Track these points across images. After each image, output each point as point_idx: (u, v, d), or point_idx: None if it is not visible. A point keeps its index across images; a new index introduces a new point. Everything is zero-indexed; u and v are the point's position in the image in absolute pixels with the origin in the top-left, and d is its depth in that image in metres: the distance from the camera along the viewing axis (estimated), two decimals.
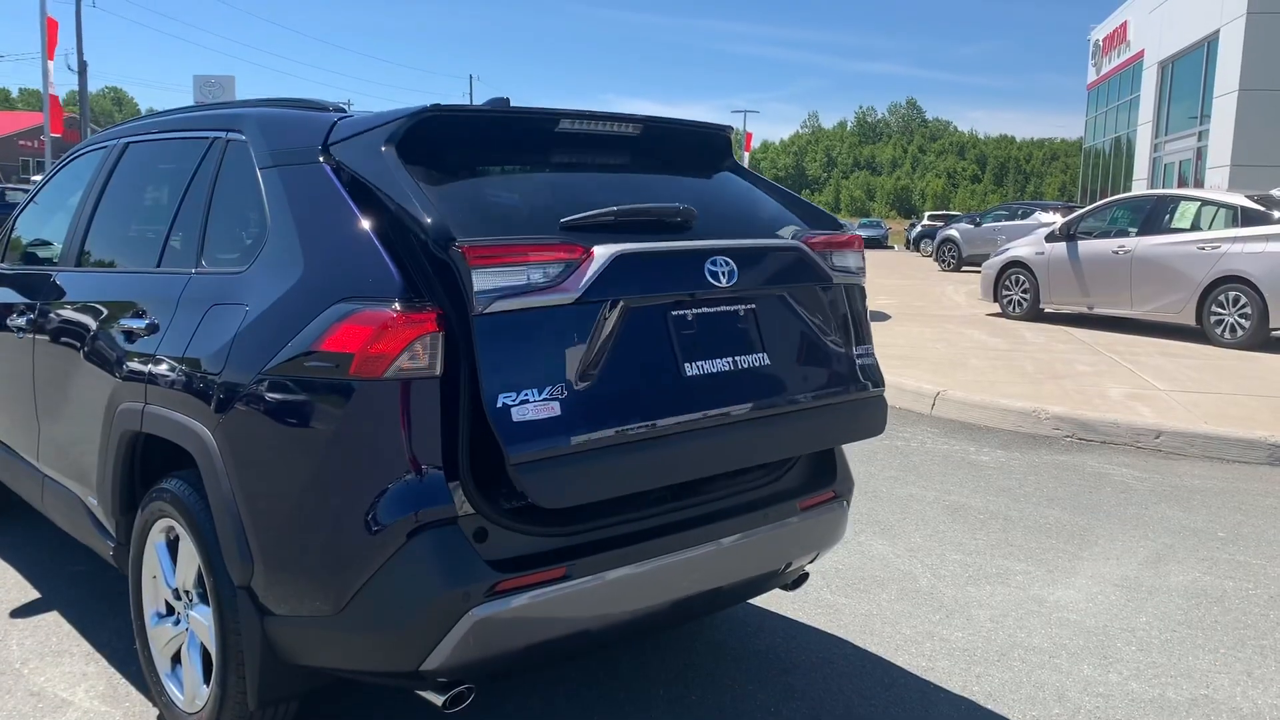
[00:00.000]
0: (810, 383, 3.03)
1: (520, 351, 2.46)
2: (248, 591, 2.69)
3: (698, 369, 2.75)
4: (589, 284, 2.55)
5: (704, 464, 2.82)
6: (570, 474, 2.49)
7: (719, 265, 2.81)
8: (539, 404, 2.44)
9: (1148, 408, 7.66)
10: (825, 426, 3.08)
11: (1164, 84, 25.93)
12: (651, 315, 2.69)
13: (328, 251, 2.70)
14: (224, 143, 3.23)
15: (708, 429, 2.74)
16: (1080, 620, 4.12)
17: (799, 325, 3.04)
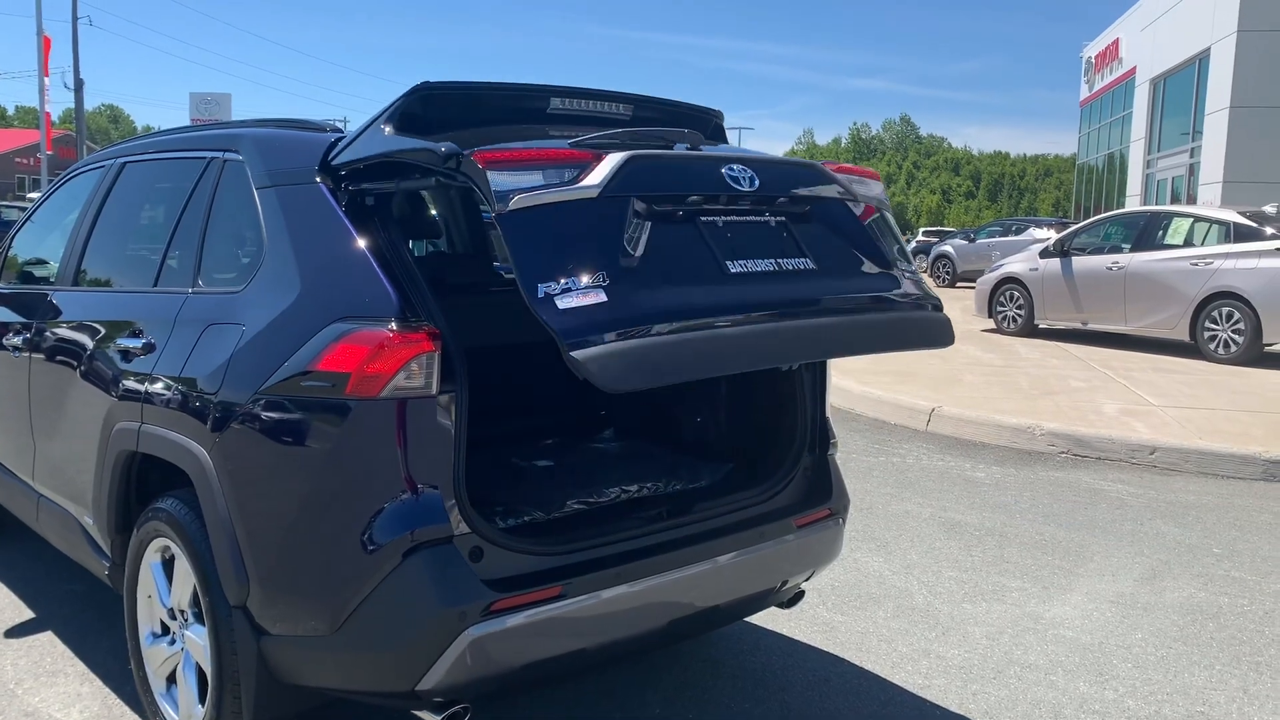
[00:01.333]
0: (863, 285, 2.90)
1: (553, 246, 2.37)
2: (243, 611, 2.68)
3: (741, 267, 2.62)
4: (607, 180, 2.47)
5: (762, 354, 2.63)
6: (630, 356, 2.32)
7: (737, 171, 2.72)
8: (582, 292, 2.32)
9: (1142, 423, 7.68)
10: (889, 327, 2.91)
11: (1156, 101, 26.08)
12: (682, 216, 2.60)
13: (324, 271, 2.71)
14: (221, 163, 3.24)
15: (762, 322, 2.59)
16: (1076, 637, 4.12)
17: (838, 238, 2.92)
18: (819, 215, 2.92)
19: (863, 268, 2.95)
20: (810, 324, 2.70)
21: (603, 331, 2.29)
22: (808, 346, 2.75)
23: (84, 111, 39.77)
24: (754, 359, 2.66)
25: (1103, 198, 32.14)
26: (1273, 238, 11.13)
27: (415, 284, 2.60)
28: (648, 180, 2.56)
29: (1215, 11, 20.87)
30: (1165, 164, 24.80)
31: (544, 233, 2.38)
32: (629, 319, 2.35)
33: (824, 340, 2.74)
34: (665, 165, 2.69)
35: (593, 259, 2.38)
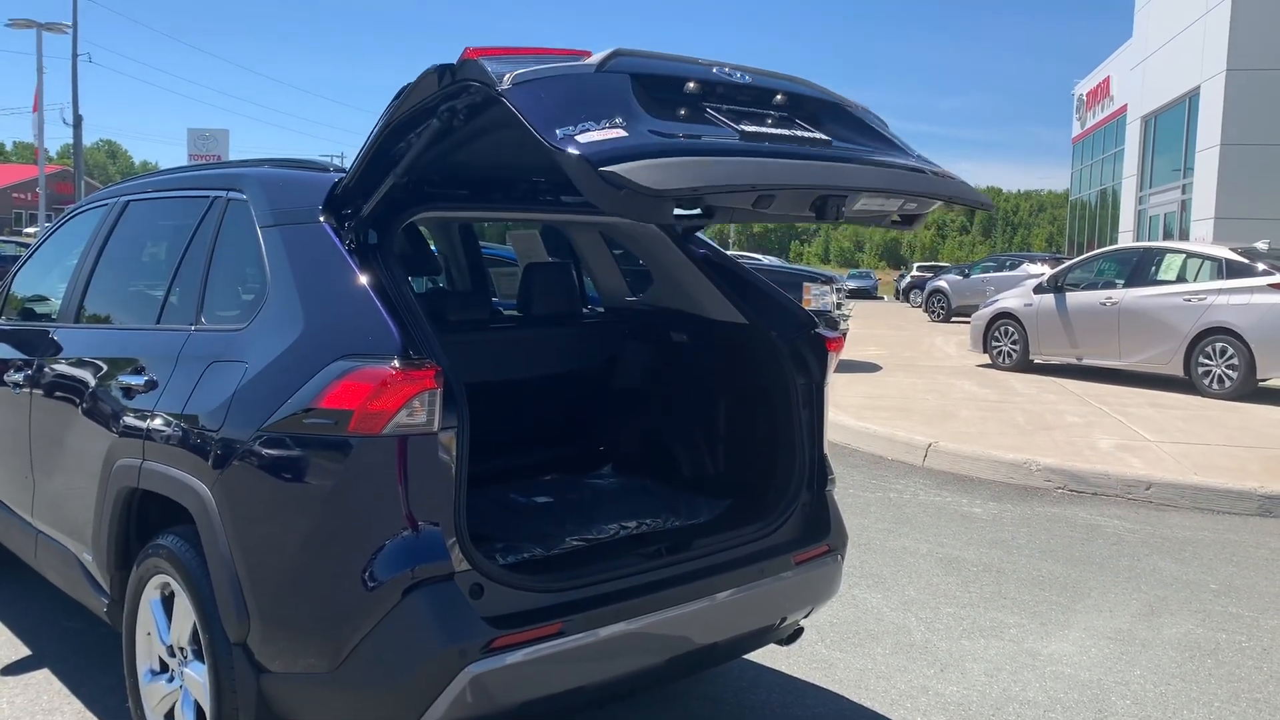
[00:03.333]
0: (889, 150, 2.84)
1: (563, 104, 2.31)
2: (243, 648, 2.68)
3: (756, 128, 2.56)
4: (604, 60, 2.47)
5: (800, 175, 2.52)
6: (670, 164, 2.24)
7: (729, 71, 2.68)
8: (601, 129, 2.26)
9: (1138, 459, 7.70)
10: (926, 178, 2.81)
11: (1147, 138, 26.34)
12: (686, 94, 2.55)
13: (327, 309, 2.74)
14: (225, 201, 3.28)
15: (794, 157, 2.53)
16: (1074, 674, 4.12)
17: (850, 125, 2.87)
18: (821, 108, 2.86)
19: (880, 142, 2.89)
20: (846, 165, 2.61)
21: (630, 153, 2.21)
22: (850, 176, 2.61)
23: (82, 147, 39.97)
24: (795, 176, 2.51)
25: (1096, 233, 32.34)
26: (1265, 274, 11.22)
27: (417, 321, 2.63)
28: (644, 64, 2.54)
29: (1204, 50, 21.15)
30: (1157, 200, 24.99)
31: (551, 96, 2.32)
32: (656, 147, 2.28)
33: (867, 176, 2.64)
34: (658, 58, 2.62)
35: (605, 111, 2.32)
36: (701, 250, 3.75)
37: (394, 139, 2.67)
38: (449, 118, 2.54)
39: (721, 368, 3.71)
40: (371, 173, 2.76)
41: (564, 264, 4.32)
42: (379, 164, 2.75)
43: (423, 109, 2.54)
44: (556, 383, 4.03)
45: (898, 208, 2.81)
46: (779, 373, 3.43)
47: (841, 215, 2.63)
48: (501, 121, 2.45)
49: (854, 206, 2.66)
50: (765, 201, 2.47)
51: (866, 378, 12.66)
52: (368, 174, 2.77)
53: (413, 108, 2.54)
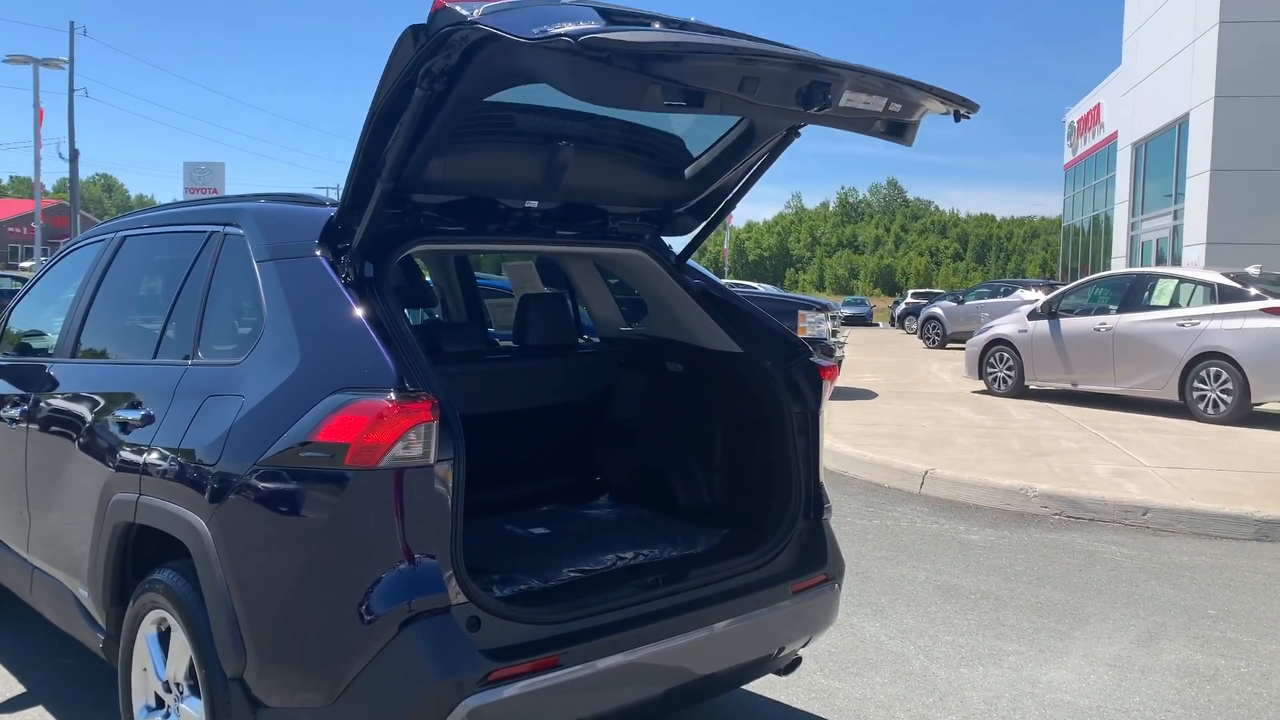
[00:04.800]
0: None
1: (535, 17, 2.31)
2: (240, 683, 2.68)
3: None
4: None
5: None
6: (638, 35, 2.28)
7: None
8: (574, 25, 2.25)
9: (1134, 484, 7.70)
10: None
11: (1138, 164, 26.52)
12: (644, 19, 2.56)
13: (324, 343, 2.75)
14: (222, 236, 3.30)
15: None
16: (1074, 701, 4.11)
17: None
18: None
19: None
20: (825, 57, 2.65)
21: (609, 31, 2.24)
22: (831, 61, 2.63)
23: (78, 181, 40.11)
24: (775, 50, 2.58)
25: (1089, 259, 32.47)
26: (1257, 298, 11.27)
27: (413, 354, 2.64)
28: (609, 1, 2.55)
29: (1193, 77, 21.34)
30: (1149, 226, 25.13)
31: (523, 14, 2.32)
32: (632, 30, 2.32)
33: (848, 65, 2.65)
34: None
35: (576, 18, 2.32)
36: (696, 280, 3.78)
37: (383, 129, 2.66)
38: (430, 84, 2.49)
39: (717, 397, 3.72)
40: (365, 182, 2.76)
41: (559, 294, 4.34)
42: (371, 167, 2.73)
43: (406, 83, 2.51)
44: (552, 413, 4.04)
45: (883, 107, 2.78)
46: (774, 401, 3.45)
47: (829, 104, 2.60)
48: (485, 76, 2.46)
49: (840, 102, 2.63)
50: (751, 85, 2.46)
51: (862, 405, 12.68)
52: (361, 183, 2.77)
53: (396, 81, 2.52)
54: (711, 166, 3.45)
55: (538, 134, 3.10)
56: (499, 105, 2.92)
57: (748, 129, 3.32)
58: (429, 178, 2.96)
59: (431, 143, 2.77)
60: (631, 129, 3.29)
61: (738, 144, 3.37)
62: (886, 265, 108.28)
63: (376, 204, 2.74)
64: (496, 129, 3.05)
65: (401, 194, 2.98)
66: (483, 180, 3.12)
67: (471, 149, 3.02)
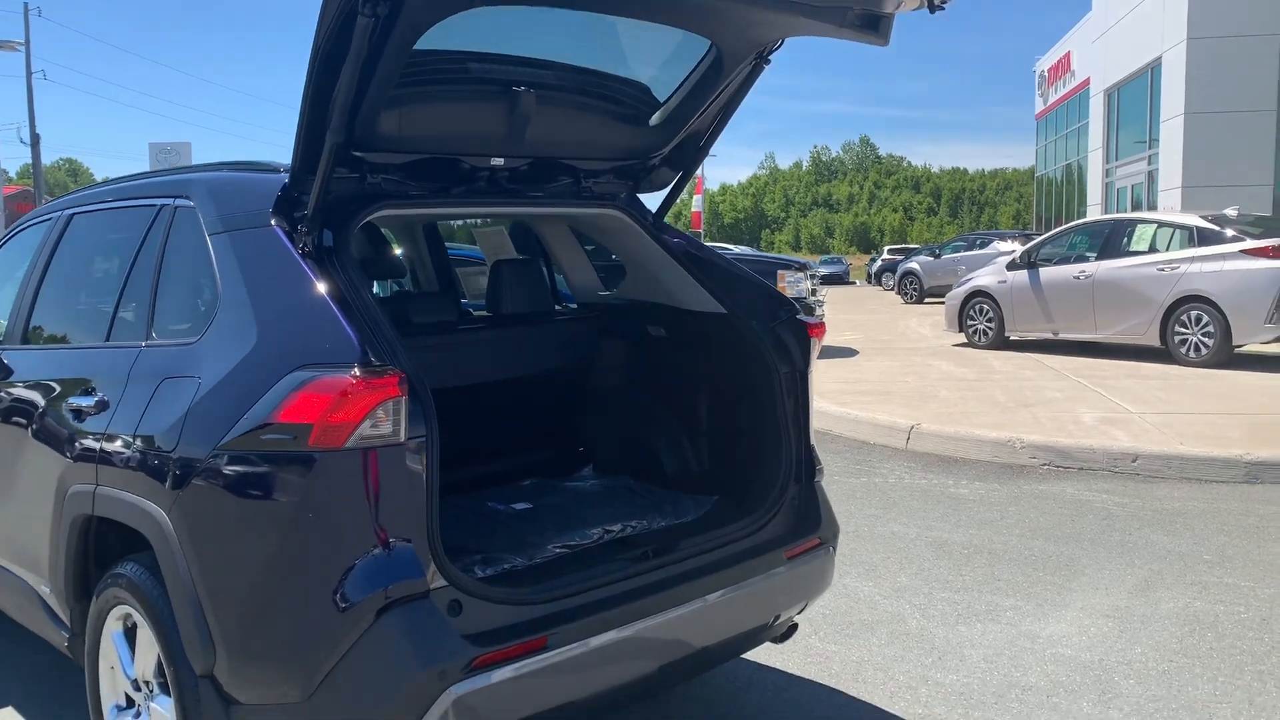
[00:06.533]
0: None
1: None
2: (210, 680, 2.54)
3: None
4: None
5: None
6: None
7: None
8: None
9: (1122, 431, 7.65)
10: None
11: (1111, 111, 26.43)
12: None
13: (282, 317, 2.59)
14: (172, 209, 3.12)
15: None
16: (1075, 655, 4.03)
17: None
18: None
19: None
20: None
21: None
22: None
23: (41, 166, 39.36)
24: None
25: (1063, 208, 32.47)
26: (1234, 239, 11.22)
27: (379, 326, 2.49)
28: None
29: (1164, 21, 21.21)
30: (1124, 172, 25.10)
31: None
32: None
33: None
34: None
35: None
36: (676, 239, 3.62)
37: (328, 72, 2.47)
38: (373, 7, 2.30)
39: (701, 360, 3.58)
40: (314, 137, 2.56)
41: (532, 260, 4.17)
42: (319, 119, 2.54)
43: (348, 12, 2.33)
44: (531, 384, 3.89)
45: None
46: (761, 362, 3.31)
47: None
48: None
49: None
50: None
51: (844, 363, 12.59)
52: (311, 141, 2.58)
53: (336, 11, 2.33)
54: (680, 109, 3.27)
55: (495, 82, 2.93)
56: (452, 53, 2.76)
57: (715, 60, 3.14)
58: (384, 132, 2.78)
59: (382, 87, 2.59)
60: (593, 75, 3.12)
61: (705, 79, 3.19)
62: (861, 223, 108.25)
63: (328, 162, 2.56)
64: (451, 78, 2.88)
65: (357, 154, 2.81)
66: (442, 134, 2.94)
67: (427, 100, 2.83)
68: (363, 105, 2.62)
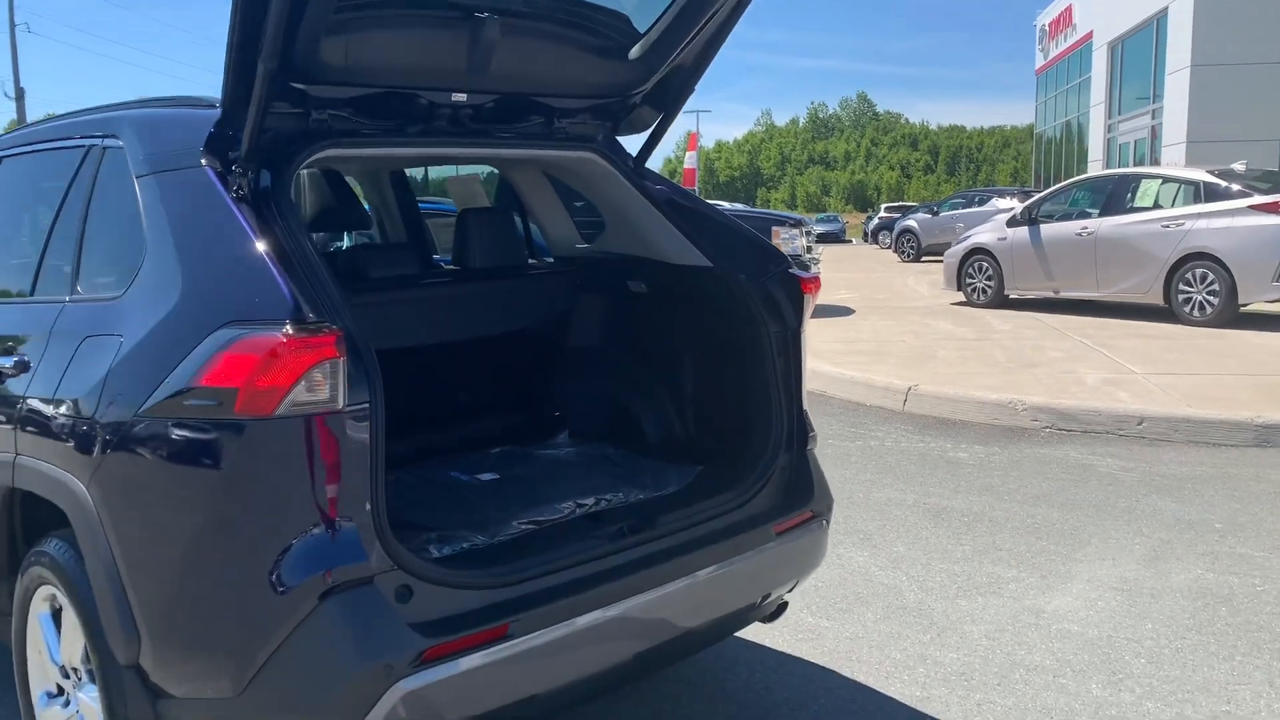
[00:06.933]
0: None
1: None
2: (136, 671, 2.29)
3: None
4: None
5: None
6: None
7: None
8: None
9: (1126, 393, 7.39)
10: None
11: (1114, 64, 25.94)
12: None
13: (209, 269, 2.31)
14: (100, 151, 2.82)
15: None
16: (1082, 631, 3.80)
17: None
18: None
19: None
20: None
21: None
22: None
23: (27, 121, 38.75)
24: None
25: (1062, 165, 32.05)
26: (1243, 195, 10.90)
27: (317, 279, 2.21)
28: None
29: None
30: (1127, 127, 24.67)
31: None
32: None
33: None
34: None
35: None
36: (659, 186, 3.33)
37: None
38: None
39: (685, 317, 3.31)
40: (245, 62, 2.25)
41: (503, 209, 3.88)
42: (250, 40, 2.22)
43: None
44: (500, 343, 3.60)
45: None
46: (750, 320, 3.04)
47: None
48: None
49: None
50: None
51: (840, 322, 12.32)
52: (242, 66, 2.27)
53: None
54: (663, 40, 2.95)
55: (455, 6, 2.61)
56: None
57: None
58: (328, 61, 2.48)
59: (321, 7, 2.28)
60: (565, 1, 2.81)
61: (691, 6, 2.86)
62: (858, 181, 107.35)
63: (262, 94, 2.26)
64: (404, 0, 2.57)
65: (298, 86, 2.51)
66: (395, 65, 2.63)
67: (376, 26, 2.53)
68: (301, 28, 2.32)
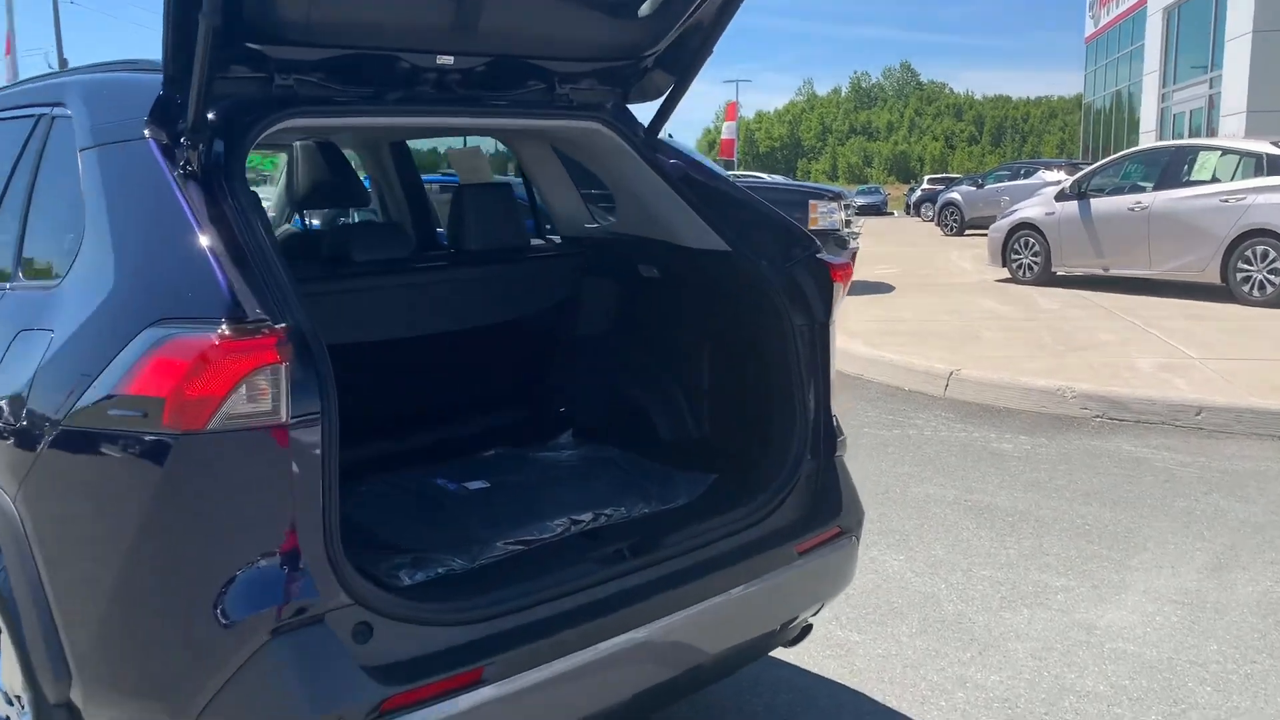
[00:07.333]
0: None
1: None
2: (67, 709, 2.03)
3: None
4: None
5: None
6: None
7: None
8: None
9: (1182, 380, 6.96)
10: None
11: (1169, 31, 25.00)
12: None
13: (144, 257, 2.03)
14: (50, 120, 2.55)
15: None
16: (1139, 652, 3.45)
17: None
18: None
19: None
20: None
21: None
22: None
23: None
24: None
25: (1112, 136, 31.15)
26: None
27: (267, 269, 1.92)
28: None
29: None
30: (1182, 97, 23.80)
31: None
32: None
33: None
34: None
35: None
36: (673, 160, 2.99)
37: None
38: None
39: (700, 307, 2.98)
40: (187, 19, 1.94)
41: (502, 185, 3.55)
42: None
43: None
44: (499, 333, 3.29)
45: None
46: (772, 311, 2.71)
47: None
48: None
49: None
50: None
51: (879, 299, 11.89)
52: (183, 23, 1.95)
53: None
54: None
55: None
56: None
57: None
58: (286, 17, 2.17)
59: None
60: None
61: None
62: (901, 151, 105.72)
63: (205, 54, 1.96)
64: None
65: (256, 47, 2.21)
66: (367, 23, 2.31)
67: None
68: None
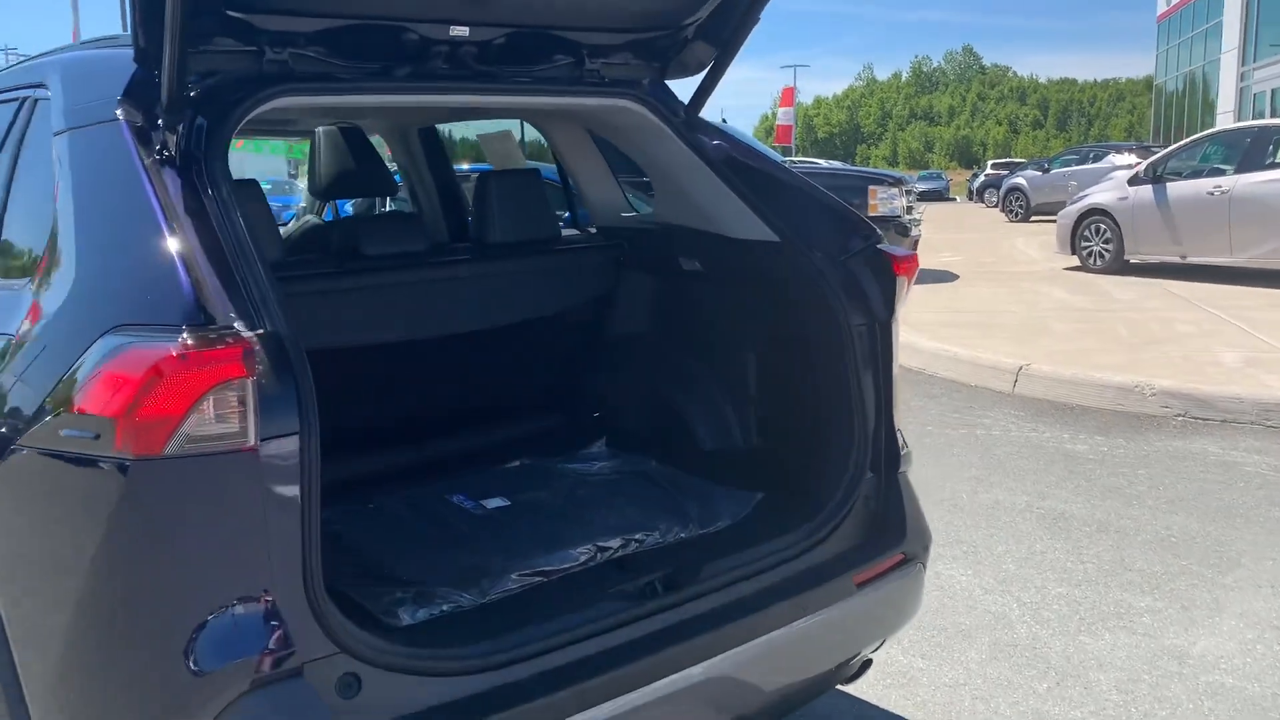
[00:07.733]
0: None
1: None
2: None
3: None
4: None
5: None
6: None
7: None
8: None
9: (1273, 376, 6.49)
10: None
11: (1250, 5, 24.01)
12: None
13: (105, 253, 1.80)
14: (32, 103, 2.34)
15: None
16: (1240, 686, 3.10)
17: None
18: None
19: None
20: None
21: None
22: None
23: None
24: None
25: (1185, 119, 30.10)
26: None
27: (246, 267, 1.67)
28: None
29: None
30: (1263, 75, 22.84)
31: None
32: None
33: None
34: None
35: None
36: (716, 142, 2.69)
37: None
38: None
39: (748, 304, 2.69)
40: None
41: (529, 171, 3.28)
42: None
43: None
44: (528, 332, 3.02)
45: None
46: (826, 309, 2.41)
47: None
48: None
49: None
50: None
51: (942, 289, 11.46)
52: None
53: None
54: None
55: None
56: None
57: None
58: None
59: None
60: None
61: None
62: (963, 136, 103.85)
63: (177, 23, 1.71)
64: None
65: (240, 16, 1.96)
66: None
67: None
68: None
